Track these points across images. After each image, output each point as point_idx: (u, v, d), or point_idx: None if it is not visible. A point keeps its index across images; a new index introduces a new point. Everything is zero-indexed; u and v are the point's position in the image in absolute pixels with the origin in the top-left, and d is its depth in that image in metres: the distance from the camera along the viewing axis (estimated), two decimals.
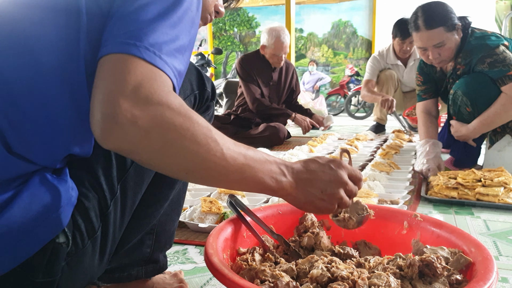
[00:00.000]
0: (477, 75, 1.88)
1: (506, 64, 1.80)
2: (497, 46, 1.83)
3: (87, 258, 0.64)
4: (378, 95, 3.46)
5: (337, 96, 8.22)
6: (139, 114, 0.49)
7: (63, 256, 0.61)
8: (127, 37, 0.53)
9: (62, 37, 0.58)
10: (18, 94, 0.57)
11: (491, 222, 1.40)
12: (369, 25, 8.91)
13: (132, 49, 0.52)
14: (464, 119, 1.97)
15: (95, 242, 0.65)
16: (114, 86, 0.50)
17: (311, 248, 0.92)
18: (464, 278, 0.74)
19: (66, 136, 0.60)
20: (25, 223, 0.55)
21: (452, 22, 1.88)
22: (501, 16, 5.43)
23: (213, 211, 1.32)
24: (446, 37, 1.88)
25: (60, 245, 0.60)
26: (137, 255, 0.81)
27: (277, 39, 3.15)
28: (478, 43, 1.88)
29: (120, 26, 0.54)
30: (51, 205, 0.58)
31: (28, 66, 0.57)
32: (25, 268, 0.57)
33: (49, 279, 0.60)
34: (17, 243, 0.56)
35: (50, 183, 0.59)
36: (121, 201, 0.68)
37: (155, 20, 0.55)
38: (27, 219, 0.56)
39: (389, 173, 1.96)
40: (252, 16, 9.70)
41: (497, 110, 1.83)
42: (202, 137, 0.54)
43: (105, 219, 0.65)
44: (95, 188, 0.64)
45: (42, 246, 0.58)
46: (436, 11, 1.89)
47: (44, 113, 0.58)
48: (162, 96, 0.51)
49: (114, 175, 0.66)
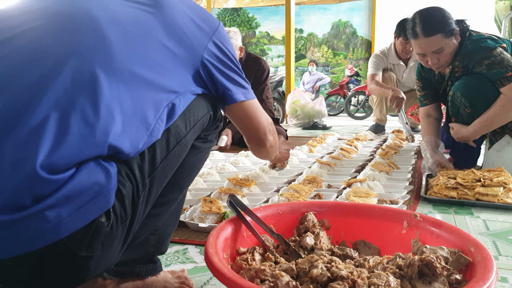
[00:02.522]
0: (475, 77, 1.89)
1: (504, 66, 1.79)
2: (494, 48, 1.83)
3: (116, 242, 0.70)
4: (387, 88, 3.30)
5: (336, 96, 8.22)
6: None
7: (103, 234, 0.66)
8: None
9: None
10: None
11: (491, 222, 1.40)
12: (368, 25, 8.91)
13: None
14: (464, 120, 1.97)
15: (124, 228, 0.71)
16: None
17: (311, 248, 0.92)
18: (464, 277, 0.74)
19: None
20: (81, 196, 0.61)
21: (450, 28, 1.87)
22: (501, 16, 5.43)
23: (213, 211, 1.32)
24: (445, 43, 1.87)
25: (102, 223, 0.65)
26: (143, 253, 0.86)
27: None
28: (475, 45, 1.88)
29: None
30: (104, 184, 0.64)
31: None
32: (71, 240, 0.62)
33: (89, 254, 0.65)
34: (73, 213, 0.61)
35: (103, 165, 0.65)
36: (148, 194, 0.75)
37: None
38: (84, 193, 0.62)
39: (388, 173, 1.97)
40: (252, 17, 9.70)
41: (496, 111, 1.83)
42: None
43: (135, 208, 0.72)
44: (130, 179, 0.70)
45: (90, 221, 0.63)
46: (434, 18, 1.89)
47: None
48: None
49: (146, 169, 0.73)
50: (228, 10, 9.80)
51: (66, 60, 0.67)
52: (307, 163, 2.29)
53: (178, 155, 0.81)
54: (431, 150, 2.06)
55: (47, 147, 0.60)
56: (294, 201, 1.43)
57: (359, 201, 1.45)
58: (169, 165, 0.79)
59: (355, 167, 2.14)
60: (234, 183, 1.67)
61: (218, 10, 9.81)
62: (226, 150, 2.97)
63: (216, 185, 1.76)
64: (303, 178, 1.80)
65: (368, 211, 1.01)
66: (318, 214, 1.01)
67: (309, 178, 1.77)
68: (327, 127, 4.61)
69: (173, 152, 0.79)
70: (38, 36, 0.70)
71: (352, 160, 2.34)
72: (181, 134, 0.80)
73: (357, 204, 1.09)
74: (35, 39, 0.70)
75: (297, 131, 4.37)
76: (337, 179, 1.89)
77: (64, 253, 0.63)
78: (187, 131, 0.82)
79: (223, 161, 2.29)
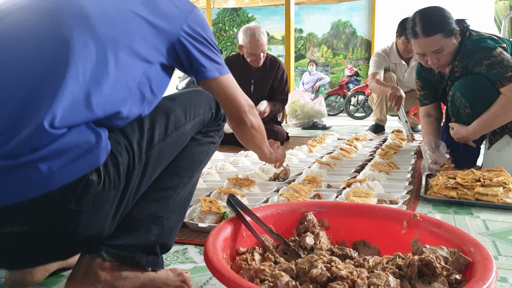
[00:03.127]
0: (475, 77, 1.89)
1: (504, 66, 1.79)
2: (494, 48, 1.83)
3: (107, 205, 0.75)
4: (387, 86, 3.29)
5: (336, 96, 8.22)
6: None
7: (93, 192, 0.71)
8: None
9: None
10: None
11: (490, 222, 1.40)
12: (368, 25, 8.92)
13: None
14: (463, 120, 1.97)
15: (116, 193, 0.75)
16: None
17: (310, 248, 0.92)
18: (463, 277, 0.74)
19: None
20: (71, 152, 0.67)
21: (450, 28, 1.86)
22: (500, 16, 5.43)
23: (213, 210, 1.32)
24: (445, 43, 1.87)
25: (92, 181, 0.70)
26: (144, 240, 0.85)
27: (252, 37, 3.01)
28: (474, 45, 1.88)
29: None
30: (93, 144, 0.70)
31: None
32: (61, 194, 0.67)
33: (77, 208, 0.70)
34: (63, 166, 0.66)
35: (94, 128, 0.72)
36: (143, 169, 0.80)
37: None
38: (73, 149, 0.68)
39: (388, 173, 1.97)
40: (252, 17, 9.70)
41: (496, 111, 1.83)
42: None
43: (129, 178, 0.77)
44: (127, 150, 0.77)
45: (80, 176, 0.68)
46: (434, 18, 1.88)
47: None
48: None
49: (143, 145, 0.80)
50: (228, 10, 9.81)
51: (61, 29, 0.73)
52: (306, 163, 2.29)
53: (176, 142, 0.88)
54: (431, 150, 2.06)
55: (47, 105, 0.66)
56: (293, 201, 1.43)
57: (359, 201, 1.45)
58: (166, 148, 0.85)
59: (355, 167, 2.14)
60: (233, 183, 1.67)
61: (218, 10, 9.81)
62: (263, 117, 3.12)
63: (215, 185, 1.76)
64: (302, 178, 1.80)
65: (368, 211, 1.01)
66: (317, 214, 1.01)
67: (308, 178, 1.77)
68: (326, 127, 4.61)
69: (170, 136, 0.86)
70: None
71: (351, 160, 2.34)
72: (179, 122, 0.88)
73: (357, 204, 1.09)
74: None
75: (297, 131, 4.37)
76: (337, 179, 1.89)
77: (54, 206, 0.67)
78: (186, 121, 0.89)
79: (223, 161, 2.29)
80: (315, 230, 0.96)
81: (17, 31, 0.74)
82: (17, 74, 0.69)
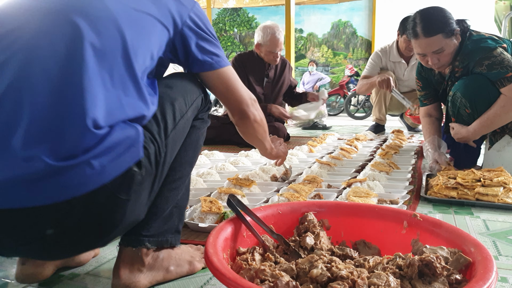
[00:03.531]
0: (475, 77, 1.88)
1: (505, 66, 1.79)
2: (495, 48, 1.83)
3: (143, 193, 0.83)
4: (373, 79, 3.43)
5: (336, 96, 8.23)
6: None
7: (136, 181, 0.79)
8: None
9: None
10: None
11: (491, 222, 1.40)
12: (368, 25, 8.92)
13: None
14: (464, 120, 1.97)
15: (150, 181, 0.84)
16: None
17: (311, 248, 0.92)
18: (464, 277, 0.74)
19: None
20: (118, 147, 0.74)
21: (451, 28, 1.86)
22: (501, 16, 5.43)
23: (213, 211, 1.32)
24: (445, 43, 1.87)
25: (135, 172, 0.78)
26: (170, 224, 0.98)
27: (272, 36, 3.11)
28: (475, 46, 1.88)
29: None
30: (134, 138, 0.78)
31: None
32: (113, 185, 0.74)
33: (127, 197, 0.78)
34: (112, 161, 0.73)
35: (132, 124, 0.79)
36: (164, 157, 0.88)
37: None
38: (120, 145, 0.74)
39: (388, 173, 1.97)
40: (252, 17, 9.70)
41: (496, 111, 1.83)
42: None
43: (157, 167, 0.85)
44: (153, 141, 0.84)
45: (126, 168, 0.76)
46: (434, 18, 1.88)
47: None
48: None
49: (162, 135, 0.87)
50: (228, 10, 9.81)
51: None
52: (307, 163, 2.29)
53: (183, 129, 0.95)
54: (432, 150, 2.06)
55: (87, 109, 0.72)
56: (294, 201, 1.43)
57: (359, 201, 1.45)
58: (177, 136, 0.92)
59: (355, 167, 2.14)
60: (234, 183, 1.67)
61: (218, 10, 9.81)
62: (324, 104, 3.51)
63: (216, 185, 1.76)
64: (303, 178, 1.80)
65: (368, 211, 1.00)
66: (318, 214, 1.01)
67: (309, 178, 1.77)
68: (327, 127, 4.61)
69: (179, 124, 0.92)
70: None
71: (352, 160, 2.34)
72: (183, 110, 0.94)
73: (357, 204, 1.09)
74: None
75: (297, 131, 4.37)
76: (337, 179, 1.89)
77: (108, 197, 0.75)
78: (187, 108, 0.95)
79: (223, 161, 2.29)
80: (315, 230, 0.96)
81: (42, 37, 0.76)
82: (48, 80, 0.72)
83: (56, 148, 0.69)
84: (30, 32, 0.76)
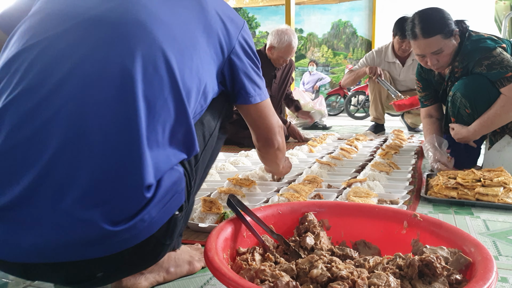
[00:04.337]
0: (475, 77, 1.88)
1: (504, 66, 1.79)
2: (494, 48, 1.83)
3: (179, 225, 0.82)
4: (359, 70, 3.58)
5: (336, 96, 8.22)
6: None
7: (179, 225, 0.79)
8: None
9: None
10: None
11: (491, 222, 1.40)
12: (368, 25, 8.92)
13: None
14: (464, 120, 1.97)
15: (184, 214, 0.84)
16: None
17: (311, 248, 0.92)
18: (464, 278, 0.74)
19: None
20: (165, 197, 0.73)
21: (450, 29, 1.87)
22: (501, 16, 5.43)
23: (213, 211, 1.32)
24: (444, 44, 1.88)
25: (177, 216, 0.77)
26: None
27: (289, 44, 3.13)
28: (474, 46, 1.88)
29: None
30: (179, 183, 0.76)
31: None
32: (159, 234, 0.74)
33: (171, 242, 0.79)
34: (160, 211, 0.72)
35: (175, 169, 0.77)
36: (195, 183, 0.87)
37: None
38: (166, 195, 0.73)
39: (388, 173, 1.96)
40: (252, 16, 9.70)
41: (496, 111, 1.83)
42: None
43: (189, 197, 0.84)
44: (184, 174, 0.80)
45: (171, 215, 0.75)
46: (433, 19, 1.89)
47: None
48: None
49: (192, 162, 0.84)
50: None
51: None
52: (307, 163, 2.29)
53: (211, 146, 0.93)
54: (433, 149, 2.06)
55: (146, 172, 0.69)
56: (294, 201, 1.43)
57: (359, 201, 1.45)
58: (206, 156, 0.90)
59: (355, 167, 2.13)
60: (234, 183, 1.67)
61: None
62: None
63: (216, 185, 1.76)
64: (303, 178, 1.80)
65: (368, 211, 1.00)
66: (318, 214, 1.01)
67: (309, 178, 1.77)
68: (327, 127, 4.61)
69: (208, 143, 0.90)
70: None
71: (352, 160, 2.34)
72: (211, 127, 0.91)
73: (357, 204, 1.09)
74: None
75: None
76: (337, 179, 1.89)
77: (155, 244, 0.76)
78: (215, 124, 0.93)
79: (223, 161, 2.29)
80: (315, 230, 0.96)
81: (92, 82, 0.70)
82: (105, 141, 0.68)
83: (112, 212, 0.67)
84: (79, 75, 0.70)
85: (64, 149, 0.67)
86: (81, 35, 0.72)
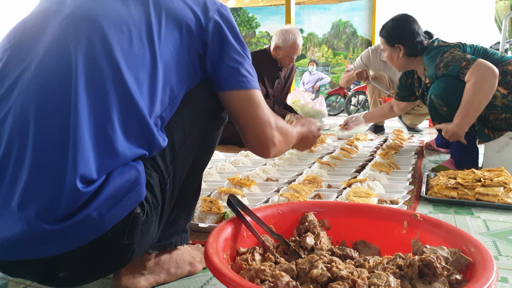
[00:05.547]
0: (442, 79, 2.03)
1: (457, 60, 1.95)
2: (444, 51, 2.03)
3: (152, 226, 0.78)
4: (351, 72, 3.59)
5: (337, 96, 8.22)
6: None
7: (140, 223, 0.74)
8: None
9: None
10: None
11: (491, 222, 1.40)
12: (369, 25, 8.92)
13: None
14: (445, 119, 2.05)
15: (157, 213, 0.79)
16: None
17: (311, 248, 0.92)
18: (464, 278, 0.74)
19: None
20: (117, 194, 0.69)
21: (391, 40, 2.27)
22: (501, 16, 5.43)
23: (213, 211, 1.32)
24: (386, 49, 2.31)
25: (138, 214, 0.73)
26: (177, 227, 0.96)
27: (294, 42, 3.18)
28: (429, 57, 2.12)
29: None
30: (134, 181, 0.72)
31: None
32: (114, 233, 0.70)
33: (130, 242, 0.74)
34: (112, 209, 0.69)
35: (132, 164, 0.73)
36: (173, 179, 0.82)
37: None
38: (118, 191, 0.69)
39: (388, 173, 1.96)
40: (252, 16, 9.70)
41: (466, 98, 1.91)
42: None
43: (164, 194, 0.80)
44: (155, 169, 0.78)
45: (127, 214, 0.71)
46: (388, 25, 2.29)
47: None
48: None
49: (167, 157, 0.80)
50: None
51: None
52: (307, 163, 2.29)
53: (196, 138, 0.87)
54: (358, 115, 2.80)
55: (82, 164, 0.67)
56: (294, 201, 1.43)
57: (359, 201, 1.45)
58: (188, 149, 0.85)
59: (355, 167, 2.13)
60: (234, 183, 1.67)
61: None
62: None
63: (216, 185, 1.76)
64: (303, 178, 1.80)
65: (368, 211, 1.00)
66: (318, 214, 1.01)
67: (309, 178, 1.77)
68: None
69: (189, 137, 0.85)
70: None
71: (352, 160, 2.34)
72: (195, 120, 0.85)
73: (357, 204, 1.09)
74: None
75: None
76: (337, 179, 1.89)
77: (110, 243, 0.71)
78: (199, 116, 0.86)
79: (223, 161, 2.29)
80: (315, 230, 0.96)
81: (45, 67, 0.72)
82: (47, 133, 0.68)
83: (50, 209, 0.66)
84: (35, 59, 0.72)
85: (11, 147, 0.69)
86: (43, 30, 0.76)
